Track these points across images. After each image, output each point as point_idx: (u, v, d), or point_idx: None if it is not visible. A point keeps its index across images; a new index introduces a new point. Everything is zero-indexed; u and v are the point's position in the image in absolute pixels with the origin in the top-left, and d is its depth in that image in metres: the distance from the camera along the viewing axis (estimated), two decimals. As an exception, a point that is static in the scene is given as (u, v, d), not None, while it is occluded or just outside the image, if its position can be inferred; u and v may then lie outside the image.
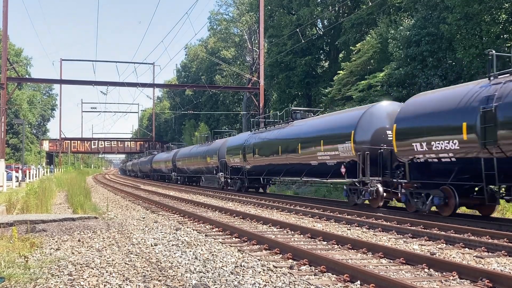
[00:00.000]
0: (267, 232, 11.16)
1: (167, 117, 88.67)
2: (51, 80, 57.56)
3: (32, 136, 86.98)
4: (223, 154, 30.06)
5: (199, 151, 36.52)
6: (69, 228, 10.97)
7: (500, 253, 8.31)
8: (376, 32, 28.37)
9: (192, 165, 38.63)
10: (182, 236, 10.40)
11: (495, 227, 11.30)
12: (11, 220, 10.98)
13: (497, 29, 21.16)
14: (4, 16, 35.19)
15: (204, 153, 34.79)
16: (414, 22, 25.04)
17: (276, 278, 6.53)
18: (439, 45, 23.31)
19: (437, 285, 6.24)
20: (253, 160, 25.00)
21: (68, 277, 6.47)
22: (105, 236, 10.22)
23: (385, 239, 10.07)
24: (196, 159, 36.94)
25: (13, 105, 69.47)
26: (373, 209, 15.16)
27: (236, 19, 60.16)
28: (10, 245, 8.50)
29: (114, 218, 13.94)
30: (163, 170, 50.89)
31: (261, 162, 24.25)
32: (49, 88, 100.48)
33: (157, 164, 53.50)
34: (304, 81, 39.12)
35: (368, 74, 27.10)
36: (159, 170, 53.14)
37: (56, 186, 25.76)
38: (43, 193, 16.35)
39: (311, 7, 37.43)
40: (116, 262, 7.51)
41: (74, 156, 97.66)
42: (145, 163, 63.57)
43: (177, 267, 7.24)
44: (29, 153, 78.91)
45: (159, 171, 53.50)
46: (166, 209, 17.24)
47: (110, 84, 42.67)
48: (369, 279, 6.11)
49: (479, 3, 20.95)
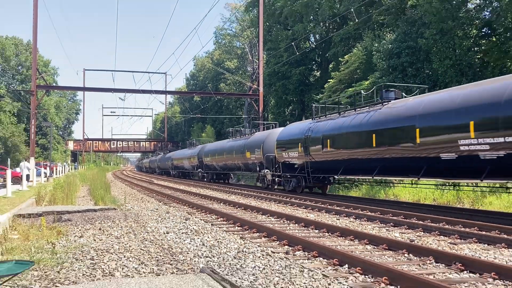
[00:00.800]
0: (266, 221, 11.14)
1: (178, 120, 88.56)
2: (76, 87, 57.60)
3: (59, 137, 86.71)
4: (270, 148, 23.33)
5: (236, 146, 28.96)
6: (91, 218, 10.96)
7: (471, 240, 8.31)
8: (362, 45, 28.36)
9: (224, 161, 31.39)
10: (191, 225, 10.39)
11: (466, 217, 11.30)
12: (40, 211, 10.97)
13: (468, 43, 21.18)
14: (34, 32, 35.19)
15: (242, 148, 27.45)
16: (395, 36, 25.03)
17: (274, 262, 6.53)
18: (417, 57, 23.31)
19: (416, 268, 6.23)
20: (321, 155, 17.80)
21: (90, 261, 6.47)
22: (123, 225, 10.20)
23: (370, 228, 10.07)
24: (230, 155, 29.66)
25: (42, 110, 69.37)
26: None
27: (238, 34, 60.21)
28: (39, 233, 8.50)
29: (131, 209, 13.91)
30: (186, 166, 44.06)
31: (334, 157, 17.01)
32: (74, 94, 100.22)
33: (179, 160, 46.62)
34: (299, 89, 39.17)
35: (355, 82, 27.10)
36: (181, 166, 46.54)
37: (79, 181, 25.73)
38: (68, 187, 16.34)
39: (305, 24, 37.45)
40: (133, 248, 7.50)
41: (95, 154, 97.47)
42: (165, 159, 56.67)
43: (187, 253, 7.24)
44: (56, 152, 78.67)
45: (181, 168, 46.98)
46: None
47: (128, 91, 42.62)
48: (356, 263, 6.10)
49: (452, 20, 20.96)
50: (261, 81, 37.55)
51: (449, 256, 6.48)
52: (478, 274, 5.79)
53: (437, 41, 21.61)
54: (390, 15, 28.20)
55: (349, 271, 6.02)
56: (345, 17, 32.76)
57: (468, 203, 15.27)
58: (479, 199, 15.01)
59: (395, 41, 24.23)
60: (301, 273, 5.85)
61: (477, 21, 21.59)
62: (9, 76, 77.33)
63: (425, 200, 17.02)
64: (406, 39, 23.73)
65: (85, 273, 5.81)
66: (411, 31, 24.07)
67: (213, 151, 34.11)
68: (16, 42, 78.34)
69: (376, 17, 29.97)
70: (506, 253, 7.23)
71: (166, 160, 55.18)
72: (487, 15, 22.24)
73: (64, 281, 5.42)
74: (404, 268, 6.17)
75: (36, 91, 37.46)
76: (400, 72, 23.39)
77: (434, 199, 16.80)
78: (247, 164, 27.10)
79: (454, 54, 21.29)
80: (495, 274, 5.59)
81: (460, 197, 15.85)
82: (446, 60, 20.99)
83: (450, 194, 16.16)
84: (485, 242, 8.12)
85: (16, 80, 78.31)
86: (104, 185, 19.26)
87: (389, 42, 24.91)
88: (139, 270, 6.03)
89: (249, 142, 26.88)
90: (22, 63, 78.05)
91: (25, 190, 20.10)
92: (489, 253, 7.22)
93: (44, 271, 5.84)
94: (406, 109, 13.49)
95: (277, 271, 5.98)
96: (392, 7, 27.61)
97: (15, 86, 75.68)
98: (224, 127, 61.46)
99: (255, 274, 5.80)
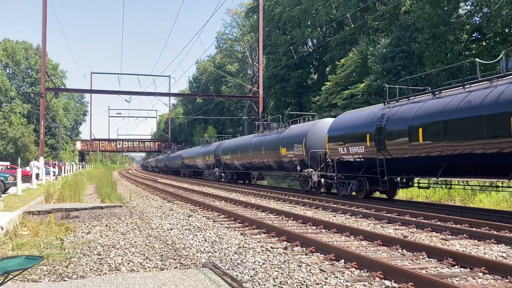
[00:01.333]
0: (265, 218, 11.13)
1: (181, 121, 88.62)
2: (83, 90, 57.60)
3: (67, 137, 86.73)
4: (318, 142, 18.41)
5: (266, 141, 23.55)
6: (98, 215, 10.95)
7: (462, 236, 8.30)
8: (357, 49, 28.38)
9: (248, 159, 25.98)
10: (193, 221, 10.39)
11: (457, 214, 11.30)
12: (49, 208, 10.96)
13: (459, 47, 21.20)
14: (43, 37, 35.15)
15: (275, 143, 22.05)
16: (389, 41, 25.05)
17: (273, 257, 6.52)
18: (410, 61, 23.33)
19: (409, 263, 6.23)
20: (406, 149, 12.75)
21: (97, 256, 6.46)
22: (129, 222, 10.20)
23: (365, 224, 10.06)
24: (257, 152, 24.26)
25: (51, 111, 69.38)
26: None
27: (239, 39, 60.24)
28: (48, 229, 8.50)
29: (136, 207, 13.90)
30: (199, 165, 38.97)
31: (431, 152, 11.89)
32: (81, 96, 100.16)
33: (191, 159, 41.70)
34: (297, 91, 39.23)
35: (351, 85, 27.12)
36: (193, 165, 41.69)
37: (87, 180, 25.69)
38: (76, 186, 16.31)
39: (303, 29, 37.48)
40: (138, 244, 7.50)
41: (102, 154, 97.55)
42: (173, 158, 51.99)
43: (189, 248, 7.23)
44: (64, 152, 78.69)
45: (193, 167, 42.10)
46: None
47: (133, 93, 42.60)
48: (351, 258, 6.10)
49: (444, 25, 20.97)
50: (261, 83, 37.55)
51: (441, 251, 6.47)
52: (468, 268, 5.78)
53: (430, 46, 21.64)
54: (385, 20, 28.22)
55: (345, 266, 6.02)
56: (341, 23, 32.77)
57: (459, 201, 15.27)
58: (469, 197, 15.01)
59: (389, 46, 24.25)
60: (299, 267, 5.85)
61: (468, 26, 21.61)
62: (19, 79, 77.36)
63: (418, 197, 17.02)
64: (400, 44, 23.75)
65: (92, 267, 5.81)
66: (404, 36, 24.09)
67: (235, 148, 28.65)
68: (26, 46, 78.37)
69: (371, 23, 29.99)
70: (495, 249, 7.22)
71: (175, 159, 50.73)
72: (478, 20, 22.26)
73: (72, 275, 5.42)
74: (398, 263, 6.17)
75: (45, 93, 37.45)
76: (394, 75, 23.40)
77: (426, 196, 16.80)
78: (281, 162, 21.73)
79: (446, 58, 21.32)
80: (485, 268, 5.58)
81: (451, 195, 15.85)
82: (438, 64, 21.02)
83: (442, 192, 16.16)
84: (475, 238, 8.12)
85: (26, 83, 78.35)
86: (110, 184, 19.23)
87: (384, 46, 24.93)
88: (144, 265, 6.03)
89: (285, 137, 21.46)
90: (31, 66, 78.10)
91: (34, 188, 20.09)
92: (479, 249, 7.22)
93: (53, 266, 5.84)
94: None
95: (276, 266, 5.98)
96: (387, 13, 27.63)
97: (25, 89, 75.75)
98: (226, 127, 61.54)
99: (255, 269, 5.79)
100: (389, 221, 10.35)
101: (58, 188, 16.18)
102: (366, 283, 5.16)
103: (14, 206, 11.71)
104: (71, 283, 5.06)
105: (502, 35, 20.33)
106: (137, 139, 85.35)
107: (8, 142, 63.13)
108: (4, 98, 66.27)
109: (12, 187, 19.23)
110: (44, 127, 37.57)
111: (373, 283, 5.17)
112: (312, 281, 5.23)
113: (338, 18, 31.46)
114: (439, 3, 22.05)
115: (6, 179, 19.63)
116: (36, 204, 12.66)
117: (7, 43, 74.97)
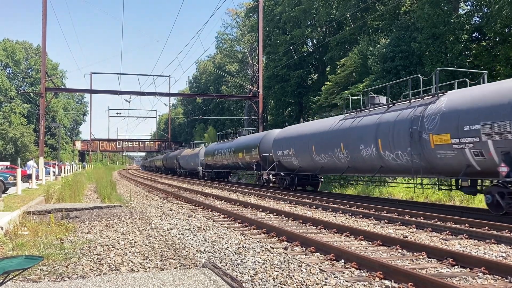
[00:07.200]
0: (265, 218, 11.13)
1: (181, 121, 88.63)
2: (83, 90, 57.39)
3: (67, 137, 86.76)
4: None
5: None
6: (98, 215, 10.95)
7: (462, 236, 8.31)
8: (357, 49, 28.36)
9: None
10: (193, 221, 10.39)
11: (457, 214, 11.30)
12: (49, 208, 10.96)
13: (459, 47, 21.18)
14: (43, 37, 35.12)
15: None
16: (389, 41, 25.04)
17: (273, 257, 6.52)
18: (410, 61, 23.31)
19: (409, 263, 6.23)
20: None
21: (97, 257, 6.46)
22: (128, 222, 10.20)
23: (365, 224, 10.06)
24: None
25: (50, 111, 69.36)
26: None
27: (239, 39, 60.23)
28: (48, 229, 8.50)
29: (136, 207, 13.90)
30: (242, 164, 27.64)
31: None
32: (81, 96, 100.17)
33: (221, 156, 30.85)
34: (297, 91, 39.20)
35: (351, 85, 27.10)
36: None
37: (86, 180, 25.71)
38: (76, 186, 16.32)
39: (302, 29, 37.48)
40: (138, 244, 7.50)
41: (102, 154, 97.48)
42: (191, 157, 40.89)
43: (189, 248, 7.23)
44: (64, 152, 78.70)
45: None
46: None
47: (133, 93, 42.54)
48: (351, 258, 6.10)
49: (444, 25, 20.97)
50: (261, 83, 37.53)
51: (441, 251, 6.47)
52: (468, 268, 5.78)
53: (430, 45, 21.63)
54: (385, 20, 28.22)
55: (345, 266, 6.02)
56: (341, 23, 32.75)
57: (459, 201, 15.27)
58: (469, 197, 15.00)
59: (389, 45, 24.24)
60: (299, 267, 5.85)
61: (468, 26, 21.61)
62: (19, 79, 77.41)
63: (418, 198, 17.01)
64: (400, 44, 23.74)
65: (92, 267, 5.81)
66: (404, 36, 24.08)
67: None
68: (26, 46, 78.42)
69: (371, 23, 29.99)
70: (495, 249, 7.22)
71: (193, 158, 39.83)
72: (478, 20, 22.26)
73: (72, 275, 5.42)
74: (398, 263, 6.17)
75: (45, 93, 37.39)
76: (394, 75, 23.39)
77: (426, 197, 16.79)
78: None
79: (446, 58, 21.31)
80: (485, 268, 5.58)
81: (451, 195, 15.84)
82: (438, 64, 21.00)
83: (442, 192, 16.15)
84: (475, 238, 8.12)
85: (26, 82, 78.38)
86: (111, 184, 19.23)
87: (384, 46, 24.93)
88: (144, 265, 6.03)
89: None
90: (31, 66, 78.13)
91: (34, 188, 20.08)
92: (479, 249, 7.22)
93: (53, 266, 5.84)
94: None
95: (276, 266, 5.98)
96: (386, 13, 27.63)
97: (25, 89, 75.76)
98: (226, 127, 61.49)
99: (255, 269, 5.79)
100: (389, 221, 10.35)
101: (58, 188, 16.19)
102: (366, 283, 5.16)
103: (14, 206, 11.70)
104: (71, 283, 5.06)
105: (502, 35, 20.34)
106: (137, 139, 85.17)
107: (8, 142, 63.12)
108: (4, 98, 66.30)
109: (12, 187, 19.23)
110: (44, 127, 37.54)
111: (373, 283, 5.17)
112: (312, 281, 5.23)
113: (338, 18, 31.45)
114: (439, 3, 22.06)
115: (6, 179, 19.63)
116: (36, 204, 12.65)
117: (7, 43, 75.02)
